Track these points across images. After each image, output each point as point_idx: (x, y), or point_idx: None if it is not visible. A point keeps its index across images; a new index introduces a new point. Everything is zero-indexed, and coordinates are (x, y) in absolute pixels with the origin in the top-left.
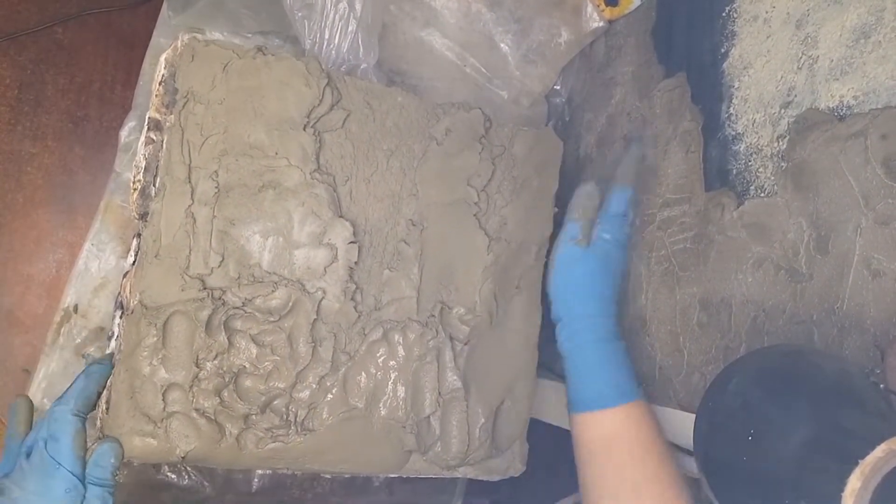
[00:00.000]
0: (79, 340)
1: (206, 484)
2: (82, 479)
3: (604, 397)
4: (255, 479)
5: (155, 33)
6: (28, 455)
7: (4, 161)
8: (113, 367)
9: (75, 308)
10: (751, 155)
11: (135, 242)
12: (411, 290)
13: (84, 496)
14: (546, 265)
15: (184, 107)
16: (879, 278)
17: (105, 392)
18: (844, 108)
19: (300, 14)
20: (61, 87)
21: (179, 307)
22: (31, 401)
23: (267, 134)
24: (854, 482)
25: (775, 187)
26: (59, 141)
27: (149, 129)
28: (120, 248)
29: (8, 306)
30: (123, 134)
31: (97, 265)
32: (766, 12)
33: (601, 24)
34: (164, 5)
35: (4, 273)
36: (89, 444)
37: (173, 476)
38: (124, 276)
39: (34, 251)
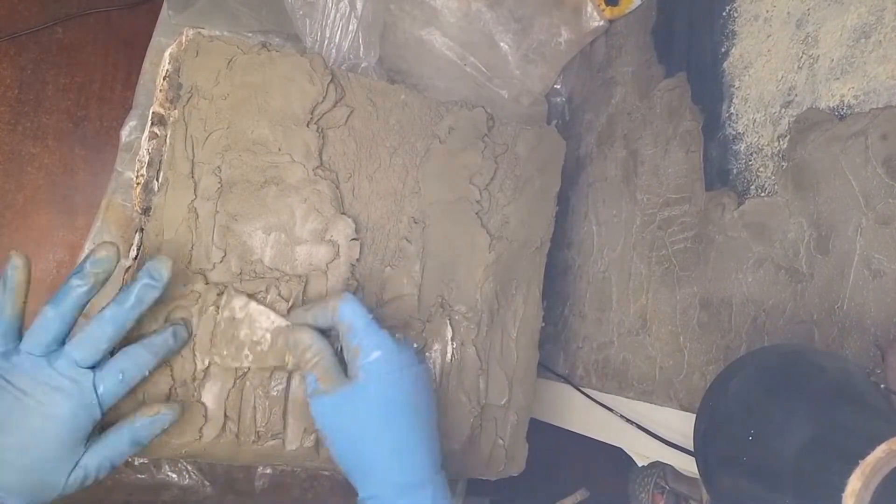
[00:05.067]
0: None
1: (206, 483)
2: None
3: None
4: (257, 479)
5: (155, 33)
6: (48, 359)
7: (4, 161)
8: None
9: None
10: (751, 154)
11: (137, 237)
12: (412, 288)
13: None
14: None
15: (188, 102)
16: (880, 278)
17: None
18: (845, 108)
19: (301, 12)
20: (61, 87)
21: (181, 301)
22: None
23: (270, 130)
24: (854, 482)
25: (776, 187)
26: (59, 141)
27: (152, 123)
28: (121, 247)
29: None
30: (124, 133)
31: None
32: (767, 12)
33: (601, 23)
34: (165, 5)
35: None
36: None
37: (174, 475)
38: (126, 270)
39: (34, 251)
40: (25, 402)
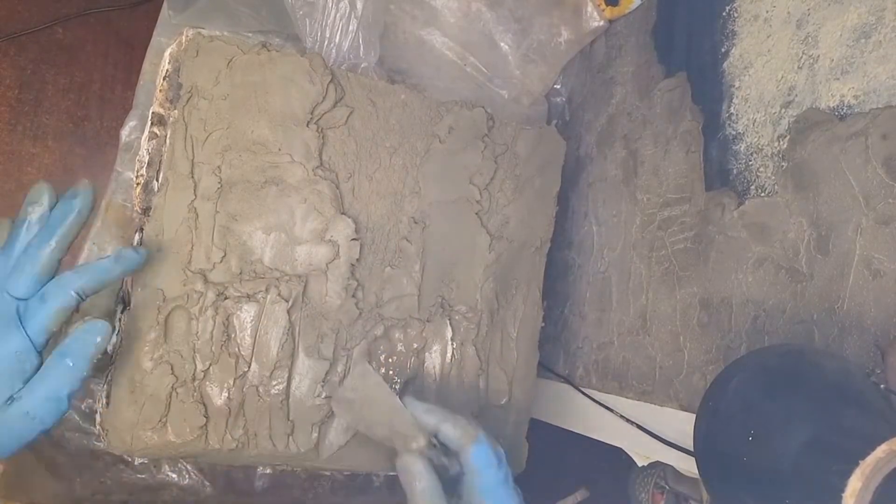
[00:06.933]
0: None
1: (206, 483)
2: (39, 351)
3: None
4: (257, 479)
5: (155, 33)
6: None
7: (4, 161)
8: (145, 261)
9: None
10: (751, 154)
11: (137, 237)
12: (412, 288)
13: (36, 367)
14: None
15: (187, 102)
16: (880, 278)
17: (105, 386)
18: (845, 108)
19: (301, 13)
20: (61, 87)
21: (181, 302)
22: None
23: (270, 130)
24: (855, 482)
25: (776, 187)
26: (59, 141)
27: (152, 123)
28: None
29: None
30: (124, 133)
31: None
32: (767, 12)
33: (601, 23)
34: (165, 5)
35: None
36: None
37: (174, 475)
38: None
39: None
40: None
